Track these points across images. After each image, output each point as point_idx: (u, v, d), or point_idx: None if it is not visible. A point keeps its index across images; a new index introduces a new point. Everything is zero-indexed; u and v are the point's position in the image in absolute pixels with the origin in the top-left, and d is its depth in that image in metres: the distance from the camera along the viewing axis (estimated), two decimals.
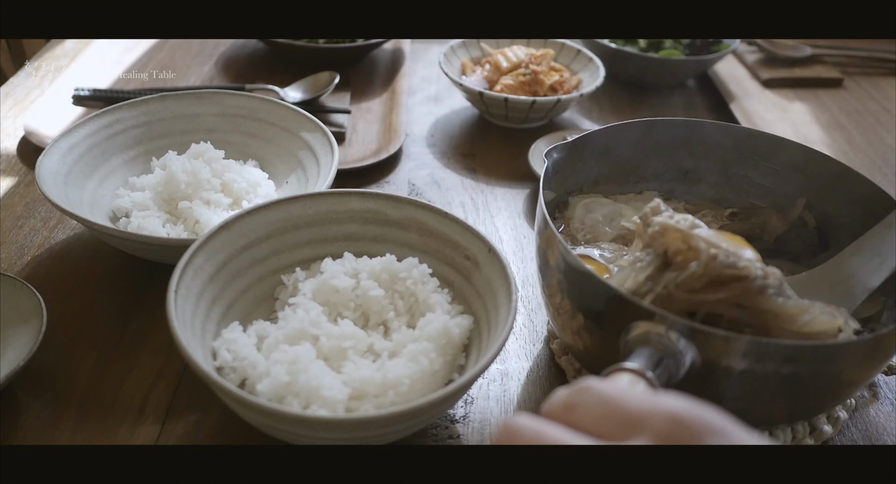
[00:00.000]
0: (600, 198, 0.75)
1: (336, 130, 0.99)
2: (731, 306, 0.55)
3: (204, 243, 0.61)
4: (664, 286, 0.55)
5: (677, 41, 1.19)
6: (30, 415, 0.60)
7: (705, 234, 0.56)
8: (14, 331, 0.63)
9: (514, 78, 1.03)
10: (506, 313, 0.57)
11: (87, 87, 1.03)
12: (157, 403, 0.62)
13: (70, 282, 0.73)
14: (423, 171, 0.96)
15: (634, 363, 0.47)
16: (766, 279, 0.54)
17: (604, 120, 1.09)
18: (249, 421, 0.55)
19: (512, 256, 0.82)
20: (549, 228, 0.60)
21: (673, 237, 0.56)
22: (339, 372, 0.57)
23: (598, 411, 0.37)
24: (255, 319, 0.63)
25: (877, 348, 0.54)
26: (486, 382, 0.66)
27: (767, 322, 0.55)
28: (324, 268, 0.65)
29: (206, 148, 0.80)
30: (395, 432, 0.54)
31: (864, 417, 0.65)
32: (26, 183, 0.88)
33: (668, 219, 0.57)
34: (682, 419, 0.35)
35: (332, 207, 0.68)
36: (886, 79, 1.26)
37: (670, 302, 0.55)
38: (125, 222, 0.75)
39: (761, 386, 0.53)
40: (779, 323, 0.55)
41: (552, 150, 0.68)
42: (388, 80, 1.15)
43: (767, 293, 0.54)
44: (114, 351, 0.67)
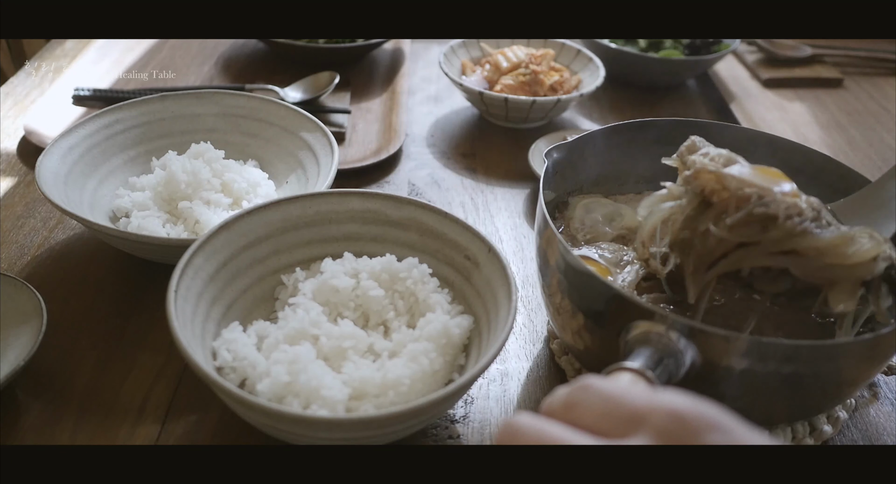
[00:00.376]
0: (600, 198, 0.75)
1: (336, 130, 0.99)
2: (775, 256, 0.54)
3: (204, 243, 0.61)
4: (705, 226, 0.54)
5: (677, 41, 1.19)
6: (30, 415, 0.60)
7: (739, 171, 0.55)
8: (14, 331, 0.63)
9: (514, 78, 1.03)
10: (506, 313, 0.57)
11: (87, 87, 1.03)
12: (157, 403, 0.62)
13: (70, 282, 0.73)
14: (423, 171, 0.96)
15: (635, 363, 0.47)
16: (801, 216, 0.53)
17: (604, 120, 1.09)
18: (249, 421, 0.55)
19: (512, 256, 0.82)
20: (549, 228, 0.60)
21: (706, 178, 0.55)
22: (339, 372, 0.57)
23: (598, 409, 0.37)
24: (255, 319, 0.63)
25: (877, 348, 0.54)
26: (486, 382, 0.66)
27: (813, 263, 0.54)
28: (324, 268, 0.65)
29: (206, 148, 0.80)
30: (395, 432, 0.54)
31: (864, 417, 0.65)
32: (26, 183, 0.88)
33: (703, 157, 0.57)
34: (682, 415, 0.35)
35: (332, 207, 0.68)
36: (886, 79, 1.26)
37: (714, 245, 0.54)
38: (125, 222, 0.75)
39: (761, 386, 0.53)
40: (825, 260, 0.54)
41: (552, 150, 0.68)
42: (388, 80, 1.15)
43: (809, 230, 0.53)
44: (114, 351, 0.67)
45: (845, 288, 0.55)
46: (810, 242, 0.53)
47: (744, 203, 0.53)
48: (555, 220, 0.72)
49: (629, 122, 0.73)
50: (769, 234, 0.53)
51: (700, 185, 0.56)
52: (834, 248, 0.54)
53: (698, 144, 0.60)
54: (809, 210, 0.54)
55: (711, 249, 0.55)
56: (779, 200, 0.53)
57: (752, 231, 0.54)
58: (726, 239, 0.54)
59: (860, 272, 0.54)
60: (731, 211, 0.54)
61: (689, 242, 0.56)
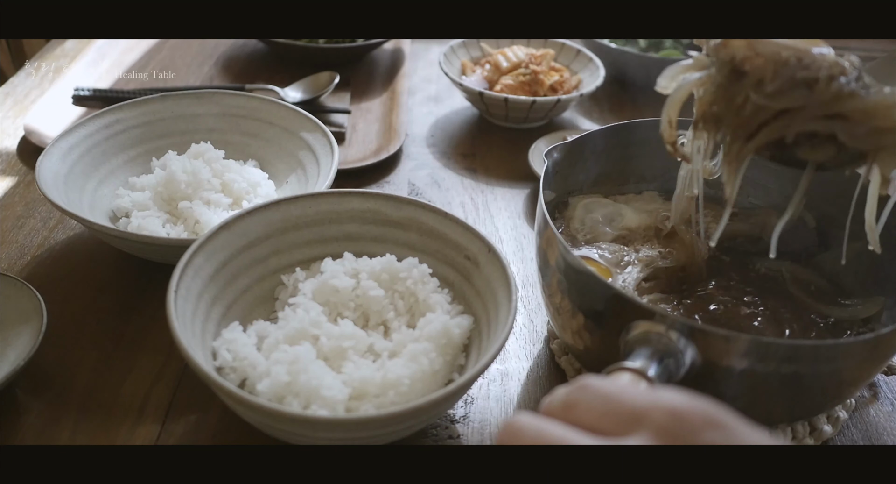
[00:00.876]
0: (600, 198, 0.75)
1: (336, 130, 0.99)
2: (820, 120, 0.51)
3: (204, 243, 0.61)
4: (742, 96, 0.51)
5: (677, 41, 1.19)
6: (30, 415, 0.60)
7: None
8: (14, 331, 0.63)
9: (514, 78, 1.03)
10: (506, 313, 0.57)
11: (87, 87, 1.03)
12: (157, 403, 0.62)
13: (70, 282, 0.73)
14: (423, 171, 0.96)
15: (634, 362, 0.47)
16: (845, 75, 0.50)
17: (604, 120, 1.09)
18: (249, 421, 0.55)
19: (512, 256, 0.82)
20: (549, 228, 0.60)
21: (737, 45, 0.52)
22: (339, 372, 0.57)
23: (598, 408, 0.37)
24: (255, 319, 0.63)
25: (877, 348, 0.54)
26: (486, 382, 0.66)
27: (861, 127, 0.50)
28: (324, 268, 0.65)
29: (206, 148, 0.80)
30: (395, 432, 0.54)
31: (864, 417, 0.65)
32: (26, 183, 0.88)
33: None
34: (681, 413, 0.35)
35: (332, 207, 0.68)
36: None
37: (751, 114, 0.51)
38: (125, 222, 0.75)
39: (761, 385, 0.53)
40: (873, 123, 0.50)
41: (552, 150, 0.68)
42: (388, 80, 1.15)
43: (856, 91, 0.50)
44: (114, 351, 0.67)
45: (894, 152, 0.51)
46: (857, 103, 0.50)
47: (782, 67, 0.50)
48: (555, 220, 0.72)
49: (629, 122, 0.73)
50: (815, 97, 0.50)
51: (729, 53, 0.52)
52: (884, 109, 0.50)
53: None
54: (852, 69, 0.51)
55: (748, 118, 0.52)
56: (819, 60, 0.50)
57: (796, 96, 0.50)
58: (769, 106, 0.51)
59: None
60: (769, 77, 0.50)
61: (720, 115, 0.53)
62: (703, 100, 0.55)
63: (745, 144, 0.53)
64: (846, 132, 0.51)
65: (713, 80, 0.54)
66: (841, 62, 0.51)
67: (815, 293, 0.65)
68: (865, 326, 0.63)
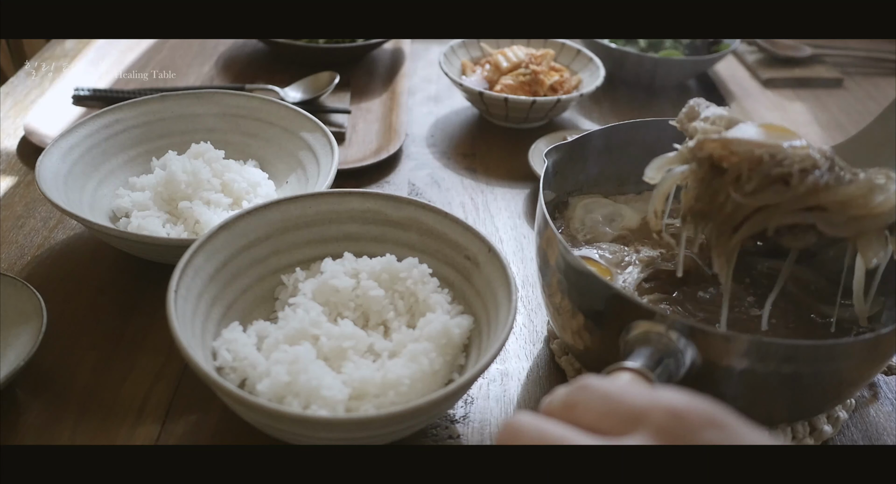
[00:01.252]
0: (600, 198, 0.75)
1: (336, 130, 0.99)
2: (799, 212, 0.52)
3: (204, 243, 0.61)
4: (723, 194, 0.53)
5: (677, 41, 1.19)
6: (30, 415, 0.60)
7: (744, 133, 0.54)
8: (14, 331, 0.63)
9: (514, 78, 1.03)
10: (506, 313, 0.57)
11: (87, 87, 1.03)
12: (157, 403, 0.62)
13: (70, 282, 0.73)
14: (423, 171, 0.96)
15: (634, 362, 0.47)
16: (817, 168, 0.51)
17: (604, 120, 1.09)
18: (249, 421, 0.55)
19: (512, 256, 0.82)
20: (549, 228, 0.60)
21: (711, 147, 0.54)
22: (339, 372, 0.57)
23: (597, 408, 0.37)
24: (255, 319, 0.63)
25: (877, 348, 0.54)
26: (486, 382, 0.66)
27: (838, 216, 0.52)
28: (324, 268, 0.65)
29: (206, 148, 0.80)
30: (395, 432, 0.54)
31: (864, 417, 0.65)
32: (26, 183, 0.88)
33: (704, 122, 0.55)
34: (681, 413, 0.35)
35: (332, 207, 0.68)
36: (886, 79, 1.26)
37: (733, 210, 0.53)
38: (125, 222, 0.75)
39: (761, 386, 0.53)
40: (850, 212, 0.52)
41: (552, 150, 0.68)
42: (388, 80, 1.15)
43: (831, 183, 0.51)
44: (114, 351, 0.67)
45: (873, 237, 0.53)
46: (832, 195, 0.52)
47: (756, 165, 0.52)
48: (555, 220, 0.72)
49: (629, 122, 0.73)
50: (790, 193, 0.52)
51: (706, 153, 0.54)
52: (859, 198, 0.52)
53: (697, 108, 0.59)
54: (823, 160, 0.52)
55: (731, 213, 0.54)
56: (791, 155, 0.52)
57: (773, 192, 0.52)
58: (749, 204, 0.53)
59: (886, 219, 0.52)
60: (746, 174, 0.52)
61: (704, 211, 0.55)
62: (688, 195, 0.57)
63: (732, 237, 0.56)
64: (825, 222, 0.53)
65: (695, 174, 0.56)
66: (812, 154, 0.53)
67: (815, 293, 0.65)
68: (865, 326, 0.63)
